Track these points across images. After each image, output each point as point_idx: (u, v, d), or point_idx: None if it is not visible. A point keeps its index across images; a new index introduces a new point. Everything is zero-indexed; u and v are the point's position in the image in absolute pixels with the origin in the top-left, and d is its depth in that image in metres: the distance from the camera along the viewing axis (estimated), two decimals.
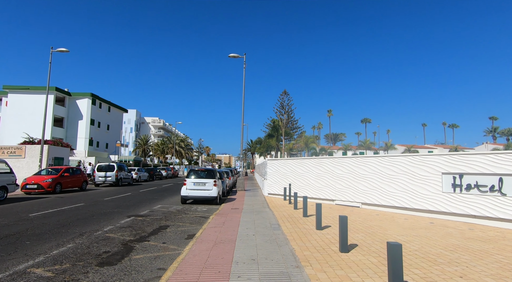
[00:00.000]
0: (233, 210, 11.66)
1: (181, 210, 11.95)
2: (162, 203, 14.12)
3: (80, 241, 6.73)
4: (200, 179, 13.81)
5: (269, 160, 17.80)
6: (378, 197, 11.84)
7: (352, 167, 12.98)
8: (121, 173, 24.70)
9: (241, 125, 20.64)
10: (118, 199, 15.27)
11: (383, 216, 10.34)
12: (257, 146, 66.15)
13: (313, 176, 14.80)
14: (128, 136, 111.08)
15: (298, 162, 15.77)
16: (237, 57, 21.10)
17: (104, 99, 48.14)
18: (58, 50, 20.65)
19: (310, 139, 67.80)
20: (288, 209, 11.78)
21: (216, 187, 13.71)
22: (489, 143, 73.66)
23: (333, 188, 13.76)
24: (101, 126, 47.50)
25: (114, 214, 10.54)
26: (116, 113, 53.05)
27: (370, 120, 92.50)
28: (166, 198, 16.05)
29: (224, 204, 13.67)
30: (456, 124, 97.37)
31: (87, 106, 43.77)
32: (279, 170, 16.83)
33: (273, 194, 17.21)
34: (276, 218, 9.51)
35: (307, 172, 15.15)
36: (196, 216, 10.58)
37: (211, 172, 14.16)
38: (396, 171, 11.32)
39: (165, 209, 12.13)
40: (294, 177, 15.82)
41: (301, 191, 15.28)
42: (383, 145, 70.63)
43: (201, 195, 13.55)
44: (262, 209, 11.75)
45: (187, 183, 13.71)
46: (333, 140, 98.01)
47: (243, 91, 20.82)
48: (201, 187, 13.65)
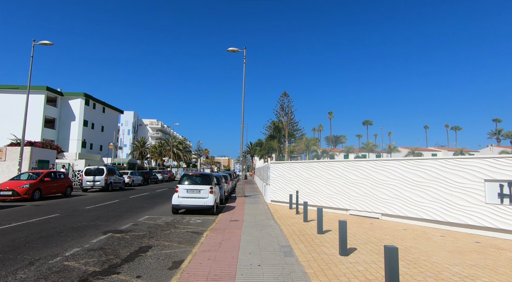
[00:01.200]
0: (232, 222, 9.89)
1: (170, 222, 10.17)
2: (151, 212, 12.32)
3: (23, 275, 4.95)
4: (194, 185, 12.04)
5: (272, 164, 16.05)
6: (402, 208, 10.08)
7: (370, 172, 11.24)
8: (111, 177, 22.90)
9: (241, 123, 18.92)
10: (102, 207, 13.47)
11: (412, 231, 8.58)
12: (257, 148, 64.35)
13: (322, 182, 13.05)
14: (125, 138, 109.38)
15: (305, 166, 14.02)
16: (237, 51, 19.42)
17: (98, 100, 46.37)
18: (41, 42, 18.92)
19: (311, 142, 66.08)
20: (297, 222, 10.01)
21: (212, 195, 11.94)
22: (494, 146, 72.08)
23: (346, 195, 12.01)
24: (95, 128, 45.69)
25: (88, 229, 8.75)
26: (111, 114, 51.27)
27: (372, 122, 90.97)
28: (157, 206, 14.26)
29: (222, 214, 11.90)
30: (459, 126, 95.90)
31: (80, 107, 41.98)
32: (284, 175, 15.07)
33: (277, 201, 15.44)
34: (285, 236, 7.74)
35: (315, 177, 13.40)
36: (187, 231, 8.80)
37: (207, 177, 12.40)
38: (425, 177, 9.57)
39: (152, 221, 10.34)
40: (301, 182, 14.06)
41: (309, 198, 13.52)
42: (386, 148, 69.00)
43: (195, 204, 11.77)
44: (266, 222, 9.98)
45: (179, 190, 11.94)
46: (334, 143, 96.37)
47: (243, 87, 19.14)
48: (195, 194, 11.88)
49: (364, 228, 8.95)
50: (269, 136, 44.81)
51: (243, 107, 18.90)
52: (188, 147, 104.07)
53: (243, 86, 19.14)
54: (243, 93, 19.06)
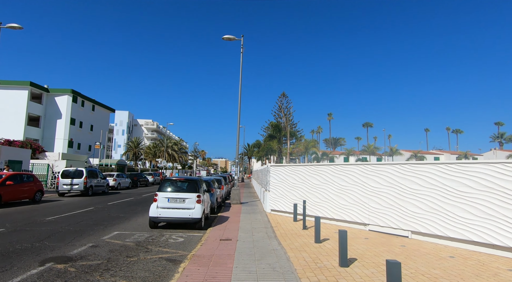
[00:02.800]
0: (223, 243, 7.60)
1: (143, 242, 7.86)
2: (124, 226, 10.00)
3: None
4: (178, 193, 9.75)
5: (272, 167, 13.79)
6: (440, 225, 7.86)
7: (396, 178, 9.02)
8: (92, 180, 20.51)
9: (238, 117, 16.66)
10: (66, 219, 11.12)
11: (464, 260, 6.35)
12: (255, 149, 62.05)
13: (334, 189, 10.81)
14: (119, 138, 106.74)
15: (312, 170, 11.78)
16: (233, 39, 17.21)
17: (87, 97, 43.92)
18: (8, 26, 16.55)
19: (311, 143, 63.87)
20: (307, 243, 7.74)
21: (200, 205, 9.66)
22: (497, 150, 70.35)
23: (365, 207, 9.77)
24: (83, 126, 43.19)
25: (24, 255, 6.43)
26: (101, 113, 48.78)
27: (372, 125, 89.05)
28: (135, 217, 11.94)
29: (212, 229, 9.61)
30: (460, 129, 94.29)
31: (67, 104, 39.50)
32: (286, 180, 12.82)
33: (278, 211, 13.18)
34: (296, 272, 5.46)
35: (325, 183, 11.17)
36: (161, 257, 6.50)
37: (193, 183, 10.10)
38: (473, 186, 7.36)
39: (120, 240, 8.03)
40: (307, 189, 11.82)
41: (317, 209, 11.28)
42: (388, 150, 67.02)
43: (178, 217, 9.47)
44: (267, 243, 7.70)
45: (159, 198, 9.65)
46: (333, 145, 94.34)
47: (240, 78, 16.91)
48: (179, 204, 9.59)
49: (396, 254, 6.71)
50: (268, 136, 41.96)
51: (239, 100, 16.69)
52: (184, 148, 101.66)
53: (240, 77, 16.93)
54: (240, 84, 16.85)
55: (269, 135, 41.08)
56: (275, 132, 39.41)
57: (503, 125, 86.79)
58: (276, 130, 39.52)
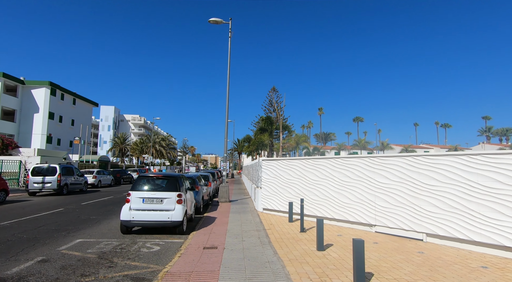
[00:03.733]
0: (207, 254, 6.25)
1: (108, 254, 6.42)
2: (91, 232, 8.51)
3: None
4: (155, 192, 8.31)
5: (264, 161, 12.46)
6: (463, 226, 6.70)
7: (408, 173, 7.82)
8: (67, 178, 18.78)
9: (226, 106, 15.23)
10: (25, 223, 9.54)
11: (501, 272, 5.17)
12: (245, 144, 60.60)
13: (335, 186, 9.57)
14: (105, 134, 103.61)
15: (310, 164, 10.50)
16: (220, 22, 15.67)
17: (67, 90, 41.50)
18: None
19: (302, 138, 62.87)
20: (309, 252, 6.45)
21: (181, 206, 8.25)
22: (485, 143, 71.01)
23: (371, 205, 8.56)
24: (63, 121, 40.84)
25: None
26: (83, 107, 46.36)
27: (362, 119, 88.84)
28: (107, 220, 10.43)
29: (195, 233, 8.24)
30: (449, 123, 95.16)
31: (44, 97, 37.09)
32: (280, 176, 11.52)
33: (271, 210, 11.89)
34: None
35: (325, 179, 9.91)
36: (125, 276, 5.09)
37: (173, 180, 8.67)
38: (505, 181, 6.20)
39: (81, 251, 6.57)
40: (304, 186, 10.55)
41: (316, 208, 10.03)
42: (379, 145, 66.73)
43: (154, 221, 8.05)
44: (261, 252, 6.37)
45: (132, 198, 8.20)
46: (323, 140, 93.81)
47: (228, 65, 15.42)
48: (156, 205, 8.16)
49: (418, 264, 5.49)
50: (259, 129, 40.12)
51: (227, 87, 15.22)
52: (173, 144, 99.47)
53: (228, 63, 15.44)
54: (228, 71, 15.37)
55: (260, 129, 39.21)
56: (267, 124, 37.60)
57: (490, 119, 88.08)
58: (268, 123, 37.74)
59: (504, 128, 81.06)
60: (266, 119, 39.00)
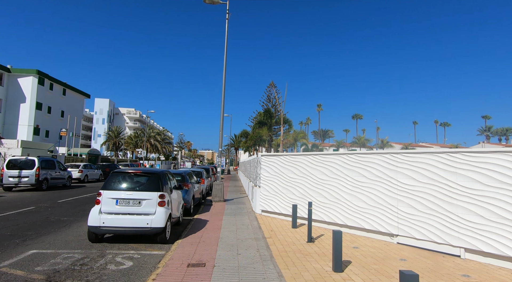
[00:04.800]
0: (191, 274, 4.79)
1: (62, 273, 4.92)
2: (52, 239, 7.00)
3: None
4: (132, 192, 6.82)
5: (264, 156, 10.99)
6: None
7: (442, 173, 6.39)
8: (47, 172, 17.20)
9: (222, 94, 13.71)
10: None
11: None
12: (242, 140, 59.04)
13: (348, 187, 8.13)
14: (100, 128, 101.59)
15: (318, 161, 9.05)
16: (217, 3, 14.07)
17: (56, 80, 39.59)
18: None
19: (300, 135, 61.47)
20: (324, 273, 5.00)
21: (163, 209, 6.77)
22: (485, 143, 70.11)
23: (392, 211, 7.14)
24: (52, 112, 38.99)
25: None
26: (74, 98, 44.46)
27: (361, 116, 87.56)
28: (79, 222, 8.93)
29: (180, 242, 6.78)
30: (448, 122, 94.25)
31: (31, 86, 35.21)
32: (282, 173, 10.06)
33: (271, 212, 10.45)
34: None
35: (335, 178, 8.47)
36: None
37: (155, 177, 7.16)
38: None
39: (27, 269, 5.07)
40: (311, 186, 9.10)
41: (325, 212, 8.60)
42: (379, 143, 65.52)
43: (130, 227, 6.56)
44: (261, 273, 4.92)
45: (103, 200, 6.71)
46: (321, 137, 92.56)
47: (225, 49, 13.86)
48: (132, 208, 6.67)
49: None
50: (257, 123, 38.10)
51: (224, 74, 13.67)
52: (168, 139, 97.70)
53: (225, 46, 13.87)
54: (225, 55, 13.81)
55: (258, 122, 37.17)
56: (266, 118, 35.60)
57: (490, 119, 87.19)
58: (267, 116, 35.74)
59: (504, 128, 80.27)
60: (265, 112, 37.03)
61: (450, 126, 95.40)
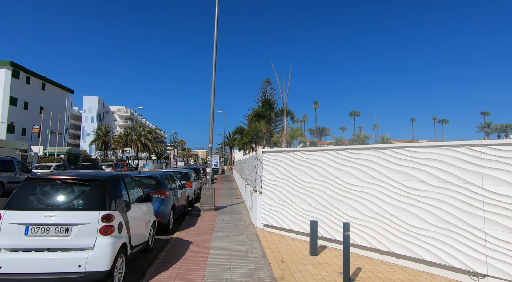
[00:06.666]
0: None
1: None
2: None
3: None
4: (53, 212, 4.09)
5: (267, 153, 8.32)
6: None
7: None
8: (1, 174, 14.30)
9: (212, 80, 11.01)
10: None
11: None
12: (237, 137, 56.27)
13: (393, 196, 5.53)
14: (89, 126, 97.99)
15: (345, 158, 6.41)
16: None
17: (34, 73, 36.34)
18: None
19: (297, 132, 59.05)
20: None
21: (110, 239, 4.08)
22: (486, 139, 68.40)
23: (473, 236, 4.54)
24: (29, 108, 35.76)
25: None
26: (55, 93, 41.18)
27: (359, 113, 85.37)
28: None
29: None
30: (446, 119, 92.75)
31: (4, 79, 31.98)
32: (293, 176, 7.41)
33: (277, 228, 7.81)
34: None
35: (375, 183, 5.84)
36: None
37: (97, 186, 4.43)
38: None
39: None
40: (335, 193, 6.47)
41: (359, 231, 5.97)
42: (379, 140, 63.38)
43: (48, 274, 3.83)
44: None
45: (3, 227, 3.96)
46: (318, 135, 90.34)
47: (215, 22, 11.13)
48: (54, 240, 3.96)
49: None
50: (255, 115, 34.52)
51: (214, 54, 10.96)
52: (160, 137, 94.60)
53: (216, 20, 11.13)
54: (216, 30, 11.06)
55: (256, 115, 33.63)
56: (265, 109, 32.11)
57: (489, 115, 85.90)
58: (266, 107, 32.25)
59: (503, 124, 78.99)
60: (264, 103, 33.56)
61: (449, 123, 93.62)
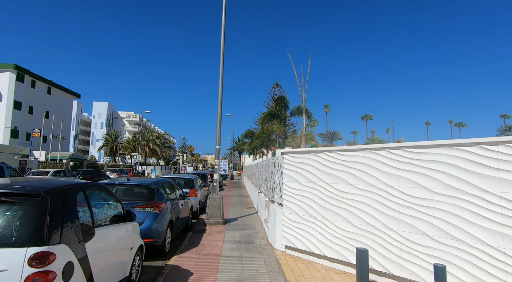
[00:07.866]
0: None
1: None
2: None
3: None
4: None
5: (289, 155, 6.55)
6: None
7: None
8: None
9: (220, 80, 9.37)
10: None
11: None
12: (246, 141, 54.61)
13: (484, 214, 3.67)
14: (98, 132, 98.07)
15: (405, 160, 4.60)
16: None
17: (40, 76, 35.62)
18: None
19: (309, 136, 57.02)
20: None
21: None
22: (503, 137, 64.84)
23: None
24: (34, 113, 34.95)
25: None
26: (61, 97, 40.44)
27: (372, 117, 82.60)
28: None
29: None
30: (463, 122, 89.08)
31: (8, 83, 31.22)
32: (325, 184, 5.62)
33: (304, 252, 5.99)
34: None
35: (451, 195, 3.99)
36: None
37: (34, 202, 2.75)
38: None
39: None
40: (390, 208, 4.65)
41: (432, 260, 4.10)
42: None
43: None
44: None
45: None
46: (329, 139, 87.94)
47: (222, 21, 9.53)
48: None
49: None
50: (267, 115, 31.80)
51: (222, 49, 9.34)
52: (169, 143, 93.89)
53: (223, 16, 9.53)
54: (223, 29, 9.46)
55: (269, 114, 30.81)
56: (279, 107, 29.19)
57: (509, 118, 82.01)
58: (281, 105, 29.30)
59: None
60: (278, 100, 30.89)
61: (466, 127, 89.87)
